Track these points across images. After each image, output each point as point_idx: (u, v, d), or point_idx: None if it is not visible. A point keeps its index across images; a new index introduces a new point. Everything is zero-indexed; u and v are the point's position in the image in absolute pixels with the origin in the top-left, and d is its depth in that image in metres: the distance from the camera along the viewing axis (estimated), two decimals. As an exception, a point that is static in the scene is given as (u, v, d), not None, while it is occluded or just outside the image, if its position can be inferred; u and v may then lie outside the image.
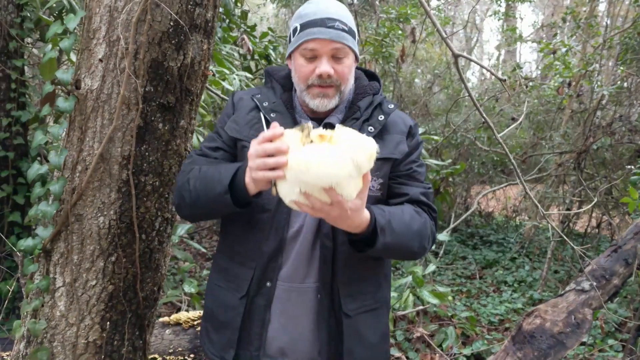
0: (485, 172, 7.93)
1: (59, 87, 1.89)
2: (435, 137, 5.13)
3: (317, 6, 1.58)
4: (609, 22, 6.98)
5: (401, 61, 5.66)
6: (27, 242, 1.98)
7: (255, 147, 1.30)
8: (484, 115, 2.52)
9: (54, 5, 3.22)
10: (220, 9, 4.48)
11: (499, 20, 10.95)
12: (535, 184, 7.69)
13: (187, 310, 3.50)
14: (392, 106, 1.68)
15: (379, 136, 1.62)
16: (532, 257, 7.13)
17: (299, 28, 1.57)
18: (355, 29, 1.62)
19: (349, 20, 1.60)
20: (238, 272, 1.65)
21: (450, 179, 6.95)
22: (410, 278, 3.94)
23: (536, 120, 7.88)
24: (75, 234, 1.95)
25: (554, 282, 6.05)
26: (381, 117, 1.64)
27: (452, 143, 7.42)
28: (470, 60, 2.43)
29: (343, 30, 1.55)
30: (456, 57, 2.39)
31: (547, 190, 6.96)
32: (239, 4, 4.88)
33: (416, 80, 9.32)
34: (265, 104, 1.65)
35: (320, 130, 1.25)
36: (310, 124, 1.27)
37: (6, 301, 3.23)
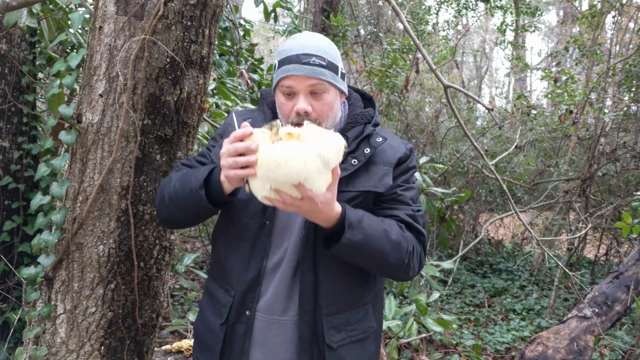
0: (492, 199, 7.94)
1: (65, 120, 1.99)
2: (439, 166, 5.17)
3: (295, 42, 1.54)
4: (616, 49, 7.04)
5: (405, 91, 5.75)
6: (29, 271, 2.04)
7: (226, 146, 1.34)
8: (475, 143, 2.58)
9: (67, 41, 3.34)
10: (227, 43, 4.61)
11: (503, 50, 11.08)
12: (543, 211, 7.68)
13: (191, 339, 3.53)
14: (380, 139, 1.63)
15: (364, 167, 1.58)
16: (541, 285, 7.08)
17: (277, 65, 1.55)
18: (338, 63, 1.57)
19: (330, 54, 1.55)
20: (220, 297, 1.65)
21: (459, 207, 6.97)
22: (414, 306, 3.95)
23: (542, 147, 7.91)
24: (76, 262, 2.02)
25: (563, 310, 6.00)
26: (367, 150, 1.59)
27: (459, 171, 7.45)
28: (459, 90, 2.49)
29: (320, 65, 1.50)
30: (446, 87, 2.47)
31: (555, 217, 6.94)
32: (247, 38, 5.02)
33: (426, 108, 9.41)
34: None
35: (289, 128, 1.30)
36: (278, 121, 1.32)
37: (13, 330, 3.28)
